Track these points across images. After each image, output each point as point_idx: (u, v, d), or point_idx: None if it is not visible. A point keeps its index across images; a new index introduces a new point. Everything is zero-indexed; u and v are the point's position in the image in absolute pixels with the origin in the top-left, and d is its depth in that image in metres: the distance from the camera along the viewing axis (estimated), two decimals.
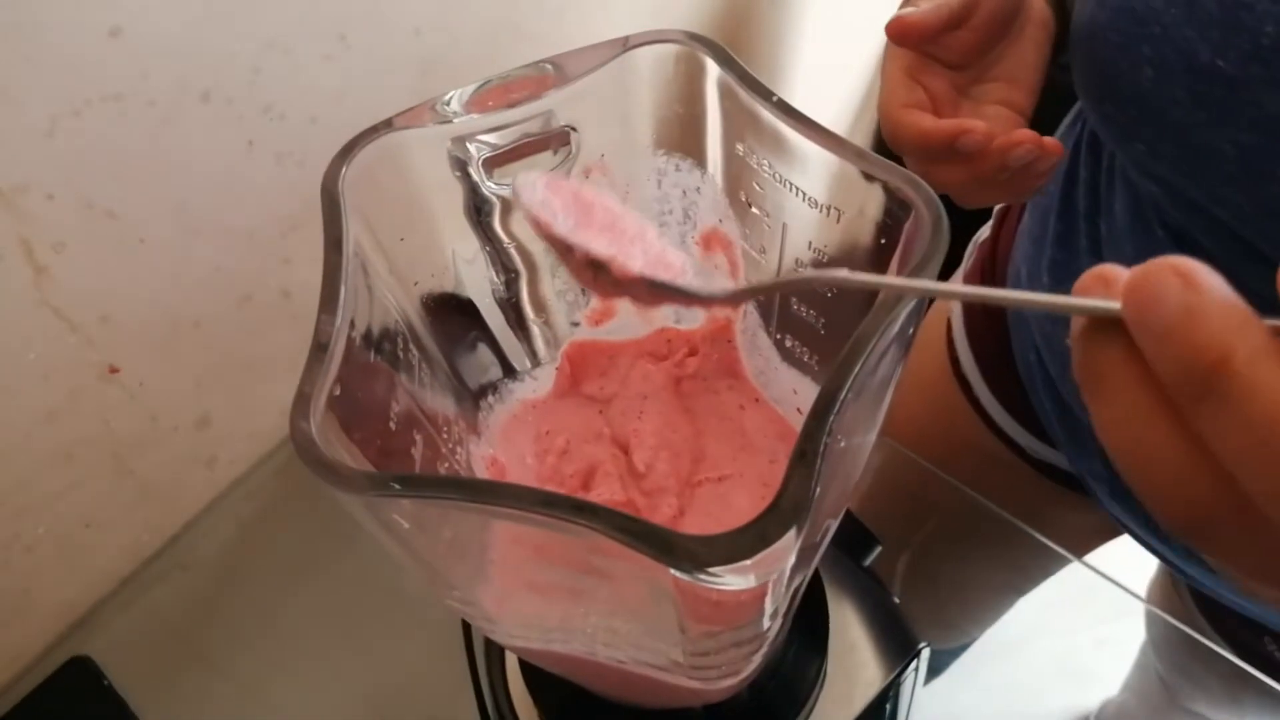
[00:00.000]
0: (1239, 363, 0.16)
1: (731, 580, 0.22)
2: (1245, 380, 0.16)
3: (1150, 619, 0.60)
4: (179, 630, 0.58)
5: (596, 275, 0.27)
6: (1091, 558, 0.62)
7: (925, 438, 0.69)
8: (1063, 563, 0.58)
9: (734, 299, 0.27)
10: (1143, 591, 0.63)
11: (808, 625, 0.44)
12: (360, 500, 0.24)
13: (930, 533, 0.64)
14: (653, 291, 0.27)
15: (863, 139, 1.30)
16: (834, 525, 0.34)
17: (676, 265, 0.28)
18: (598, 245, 0.27)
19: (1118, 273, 0.19)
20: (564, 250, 0.27)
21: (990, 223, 0.65)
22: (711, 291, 0.28)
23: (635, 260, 0.27)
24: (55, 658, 0.55)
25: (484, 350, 0.39)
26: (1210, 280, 0.17)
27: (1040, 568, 0.61)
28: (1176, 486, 0.18)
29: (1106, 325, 0.19)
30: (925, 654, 0.47)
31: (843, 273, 0.23)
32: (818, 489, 0.22)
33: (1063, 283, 0.48)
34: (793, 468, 0.22)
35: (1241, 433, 0.16)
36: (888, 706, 0.45)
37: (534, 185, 0.28)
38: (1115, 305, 0.18)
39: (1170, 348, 0.17)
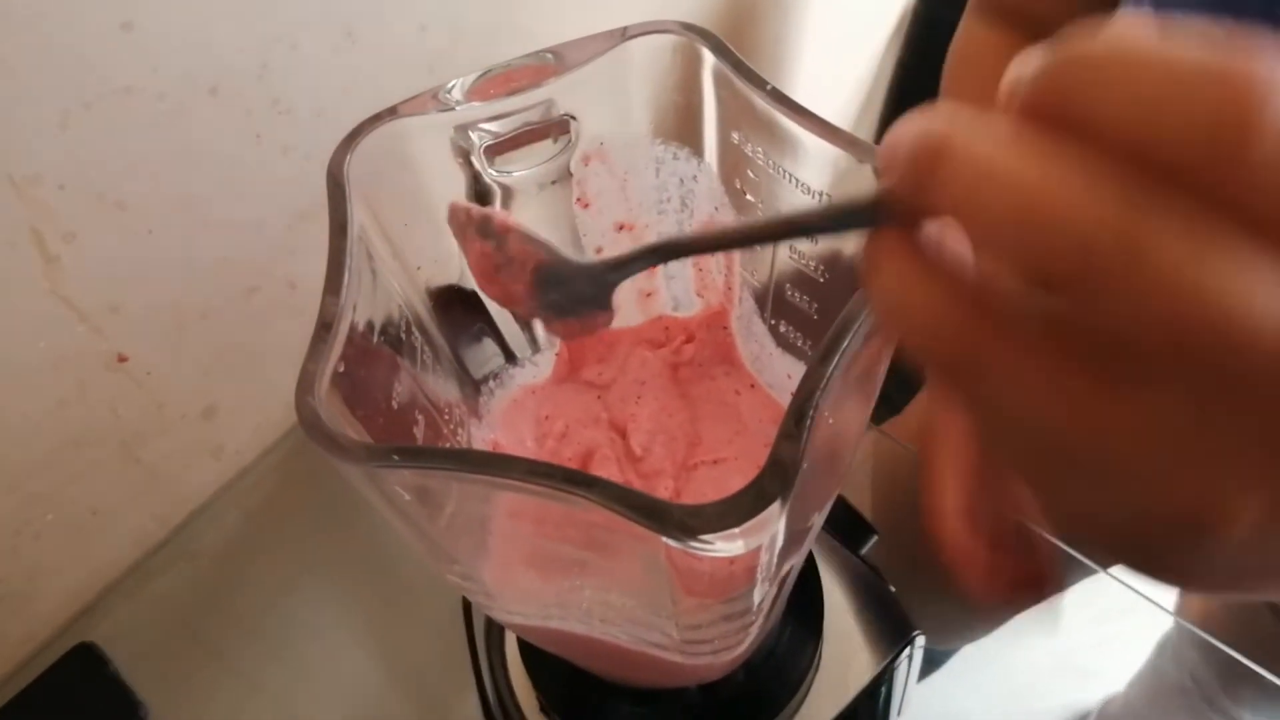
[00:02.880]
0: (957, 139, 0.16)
1: (720, 547, 0.22)
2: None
3: (1180, 630, 0.59)
4: (183, 618, 0.59)
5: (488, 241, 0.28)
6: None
7: None
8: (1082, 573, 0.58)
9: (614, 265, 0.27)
10: (1142, 588, 0.63)
11: (802, 611, 0.45)
12: (362, 471, 0.25)
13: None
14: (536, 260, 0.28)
15: (866, 134, 1.31)
16: (825, 510, 0.35)
17: None
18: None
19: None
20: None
21: None
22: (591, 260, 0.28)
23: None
24: (60, 644, 0.56)
25: (487, 338, 0.40)
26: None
27: None
28: (933, 325, 0.18)
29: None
30: (919, 641, 0.48)
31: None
32: (804, 463, 0.23)
33: None
34: (779, 441, 0.23)
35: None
36: (882, 691, 0.46)
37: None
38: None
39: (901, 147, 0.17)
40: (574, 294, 0.27)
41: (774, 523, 0.23)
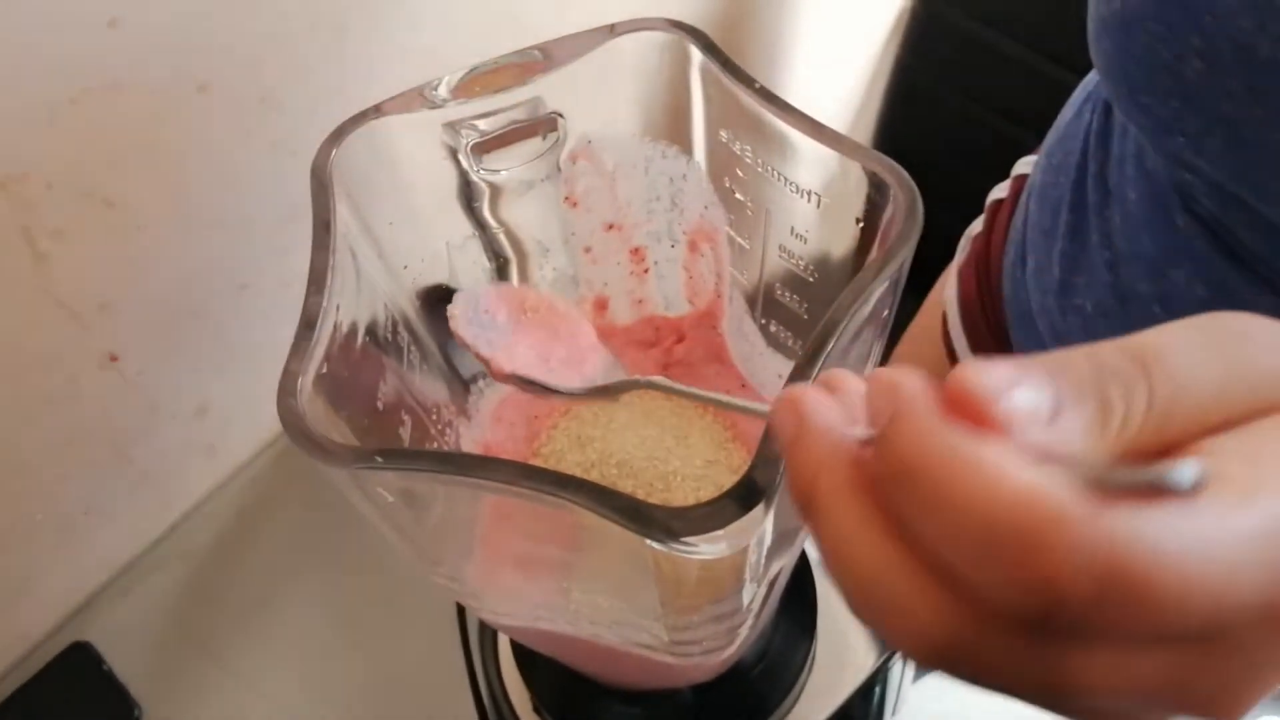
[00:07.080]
0: (820, 494, 0.19)
1: (705, 549, 0.22)
2: (821, 509, 0.19)
3: None
4: (178, 617, 0.59)
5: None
6: None
7: None
8: None
9: (588, 396, 0.34)
10: None
11: (795, 611, 0.44)
12: (346, 474, 0.24)
13: None
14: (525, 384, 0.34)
15: (864, 134, 1.30)
16: None
17: (591, 362, 0.34)
18: (521, 349, 0.34)
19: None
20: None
21: (983, 216, 0.65)
22: (573, 389, 0.34)
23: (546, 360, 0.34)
24: (56, 643, 0.56)
25: None
26: (816, 408, 0.19)
27: None
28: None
29: None
30: None
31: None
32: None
33: (1073, 273, 0.48)
34: (764, 443, 0.23)
35: (822, 547, 0.19)
36: (876, 691, 0.46)
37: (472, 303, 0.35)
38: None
39: (787, 467, 0.20)
40: None
41: (758, 525, 0.23)
